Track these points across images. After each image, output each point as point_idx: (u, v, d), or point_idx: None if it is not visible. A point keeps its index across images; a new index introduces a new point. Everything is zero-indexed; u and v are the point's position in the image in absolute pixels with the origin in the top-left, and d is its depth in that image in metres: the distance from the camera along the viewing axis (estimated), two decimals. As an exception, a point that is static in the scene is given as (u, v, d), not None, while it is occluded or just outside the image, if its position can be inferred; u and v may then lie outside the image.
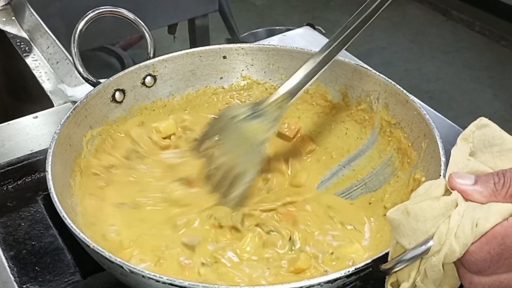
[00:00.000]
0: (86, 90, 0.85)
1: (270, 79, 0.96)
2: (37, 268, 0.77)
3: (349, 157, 0.89)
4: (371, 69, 0.89)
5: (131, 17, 0.91)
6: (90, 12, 0.87)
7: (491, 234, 0.50)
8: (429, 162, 0.75)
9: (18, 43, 1.29)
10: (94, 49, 1.95)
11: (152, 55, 0.92)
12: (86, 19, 0.87)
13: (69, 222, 0.65)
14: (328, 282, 0.58)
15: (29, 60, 1.23)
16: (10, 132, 1.02)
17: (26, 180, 0.90)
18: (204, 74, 0.95)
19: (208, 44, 0.98)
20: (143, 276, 0.59)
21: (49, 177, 0.70)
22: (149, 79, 0.91)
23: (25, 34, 1.32)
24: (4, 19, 1.38)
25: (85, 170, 0.82)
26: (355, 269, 0.59)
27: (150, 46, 0.92)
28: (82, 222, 0.75)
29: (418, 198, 0.54)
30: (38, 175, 0.90)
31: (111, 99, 0.88)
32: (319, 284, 0.58)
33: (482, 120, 0.57)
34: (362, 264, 0.59)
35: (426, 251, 0.52)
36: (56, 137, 0.76)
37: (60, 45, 1.23)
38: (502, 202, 0.51)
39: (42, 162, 0.73)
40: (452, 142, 0.58)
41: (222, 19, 2.30)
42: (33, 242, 0.80)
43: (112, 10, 0.89)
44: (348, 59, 0.90)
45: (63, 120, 0.78)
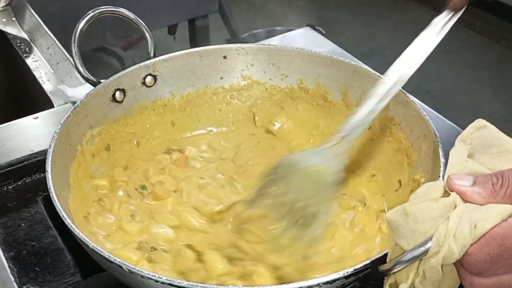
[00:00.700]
0: (86, 91, 0.85)
1: (271, 79, 0.96)
2: (37, 268, 0.77)
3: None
4: (372, 69, 0.89)
5: (132, 16, 0.91)
6: (90, 12, 0.87)
7: (490, 235, 0.50)
8: (428, 163, 0.76)
9: (19, 44, 1.29)
10: (94, 49, 1.94)
11: (152, 55, 0.92)
12: (86, 19, 0.87)
13: (68, 222, 0.65)
14: (327, 283, 0.58)
15: (29, 60, 1.23)
16: (10, 132, 1.02)
17: (26, 180, 0.91)
18: (204, 74, 0.95)
19: (208, 44, 0.98)
20: (142, 276, 0.59)
21: (49, 176, 0.70)
22: (149, 79, 0.91)
23: (25, 35, 1.32)
24: (4, 20, 1.38)
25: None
26: (354, 270, 0.59)
27: (150, 46, 0.92)
28: (82, 222, 0.75)
29: (417, 199, 0.54)
30: (38, 176, 0.90)
31: (112, 99, 0.88)
32: (318, 285, 0.58)
33: (480, 121, 0.57)
34: (361, 265, 0.59)
35: (425, 253, 0.52)
36: (56, 136, 0.76)
37: (60, 45, 1.23)
38: (500, 203, 0.51)
39: (42, 162, 0.73)
40: (452, 143, 0.58)
41: (222, 20, 2.29)
42: (33, 243, 0.80)
43: (112, 9, 0.89)
44: (348, 60, 0.91)
45: (63, 119, 0.78)
